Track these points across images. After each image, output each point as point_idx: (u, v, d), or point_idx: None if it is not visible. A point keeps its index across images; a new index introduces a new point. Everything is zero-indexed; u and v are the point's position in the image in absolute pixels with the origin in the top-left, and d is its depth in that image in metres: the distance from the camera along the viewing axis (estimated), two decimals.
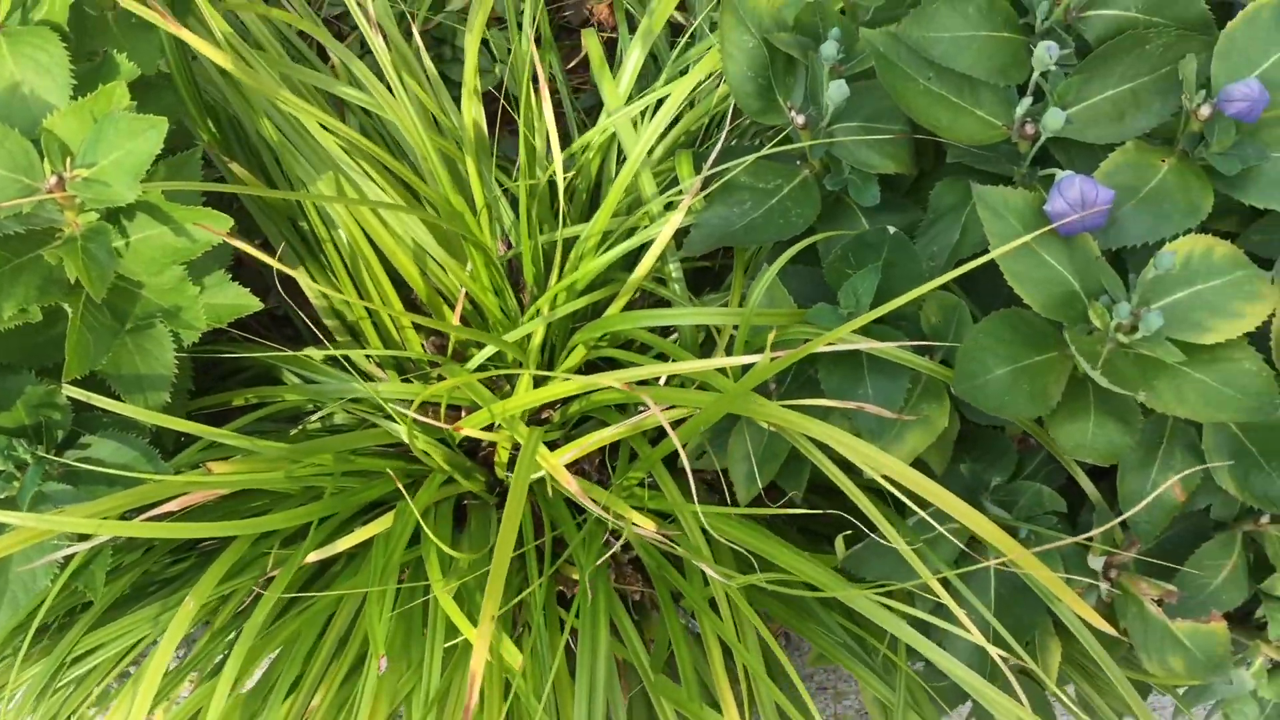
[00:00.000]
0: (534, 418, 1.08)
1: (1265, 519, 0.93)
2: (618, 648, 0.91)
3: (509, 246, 1.07)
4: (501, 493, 1.08)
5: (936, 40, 0.82)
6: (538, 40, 1.30)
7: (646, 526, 0.83)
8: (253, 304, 0.93)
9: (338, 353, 0.91)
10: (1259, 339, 0.87)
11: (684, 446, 0.72)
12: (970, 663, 0.88)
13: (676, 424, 0.90)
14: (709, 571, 0.78)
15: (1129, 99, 0.85)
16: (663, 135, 1.09)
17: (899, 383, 0.85)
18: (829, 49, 0.83)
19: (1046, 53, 0.77)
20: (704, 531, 0.88)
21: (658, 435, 0.99)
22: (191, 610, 0.88)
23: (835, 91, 0.84)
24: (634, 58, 1.09)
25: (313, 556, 0.90)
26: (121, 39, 0.92)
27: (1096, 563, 0.86)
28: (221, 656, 1.05)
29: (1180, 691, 1.04)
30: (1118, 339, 0.78)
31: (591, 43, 1.05)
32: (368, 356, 1.11)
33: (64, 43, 0.83)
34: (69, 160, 0.80)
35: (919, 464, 0.92)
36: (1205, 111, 0.83)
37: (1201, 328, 0.78)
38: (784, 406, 0.82)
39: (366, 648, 0.92)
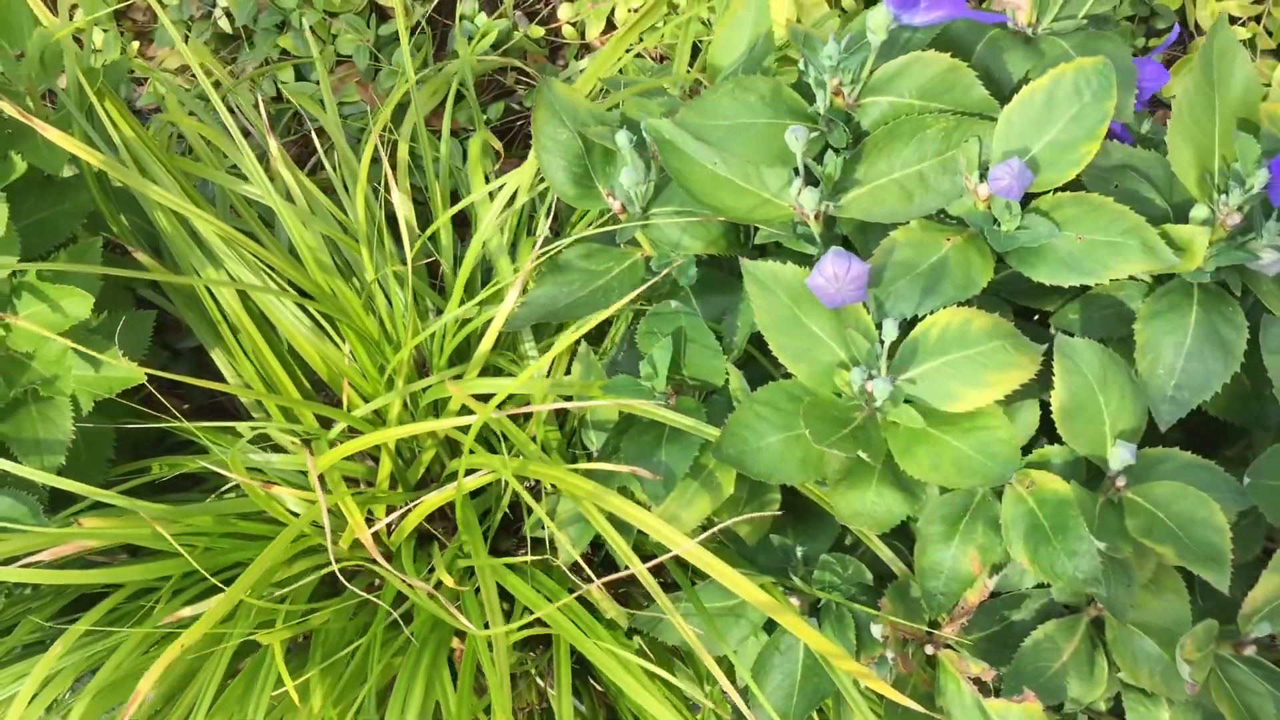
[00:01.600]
0: (422, 485, 1.15)
1: None
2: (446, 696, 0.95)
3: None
4: (387, 556, 1.15)
5: (715, 127, 0.87)
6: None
7: (447, 582, 0.88)
8: (138, 377, 1.03)
9: (216, 425, 1.00)
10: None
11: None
12: None
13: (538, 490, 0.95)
14: (460, 619, 0.83)
15: (916, 180, 0.88)
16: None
17: (689, 450, 0.88)
18: (622, 138, 0.89)
19: (793, 136, 0.81)
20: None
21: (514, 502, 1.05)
22: (58, 653, 0.97)
23: (625, 177, 0.90)
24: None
25: (185, 611, 0.98)
26: (40, 142, 1.05)
27: (877, 630, 0.87)
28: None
29: None
30: (868, 406, 0.80)
31: (473, 143, 1.14)
32: (283, 430, 1.20)
33: None
34: None
35: (729, 533, 0.95)
36: (984, 191, 0.85)
37: (952, 396, 0.80)
38: (571, 470, 0.86)
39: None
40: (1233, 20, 1.50)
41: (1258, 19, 1.48)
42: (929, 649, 0.92)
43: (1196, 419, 0.99)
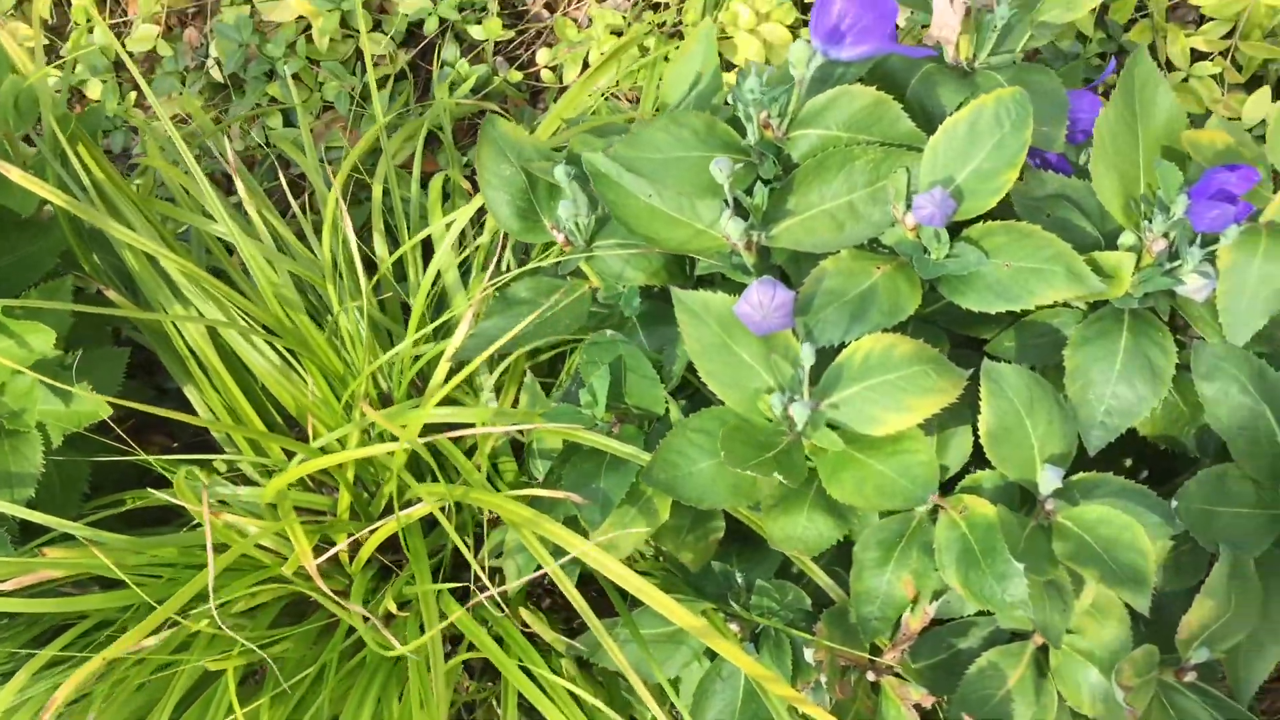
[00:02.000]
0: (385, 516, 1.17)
1: None
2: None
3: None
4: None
5: (648, 160, 0.89)
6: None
7: (391, 609, 0.90)
8: (104, 410, 1.06)
9: (183, 459, 1.03)
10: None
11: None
12: None
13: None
14: (392, 640, 0.84)
15: (846, 211, 0.90)
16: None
17: (626, 477, 0.90)
18: (559, 172, 0.92)
19: (717, 168, 0.84)
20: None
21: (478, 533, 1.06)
22: (21, 683, 0.99)
23: (563, 210, 0.92)
24: None
25: (149, 641, 1.00)
26: (13, 185, 1.09)
27: (809, 654, 0.87)
28: None
29: None
30: (792, 431, 0.81)
31: (434, 183, 1.17)
32: (252, 463, 1.23)
33: None
34: None
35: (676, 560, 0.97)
36: (910, 220, 0.87)
37: (874, 420, 0.81)
38: (510, 497, 0.88)
39: None
40: (1201, 55, 1.52)
41: (1225, 53, 1.49)
42: (871, 675, 0.93)
43: (1150, 448, 1.00)
